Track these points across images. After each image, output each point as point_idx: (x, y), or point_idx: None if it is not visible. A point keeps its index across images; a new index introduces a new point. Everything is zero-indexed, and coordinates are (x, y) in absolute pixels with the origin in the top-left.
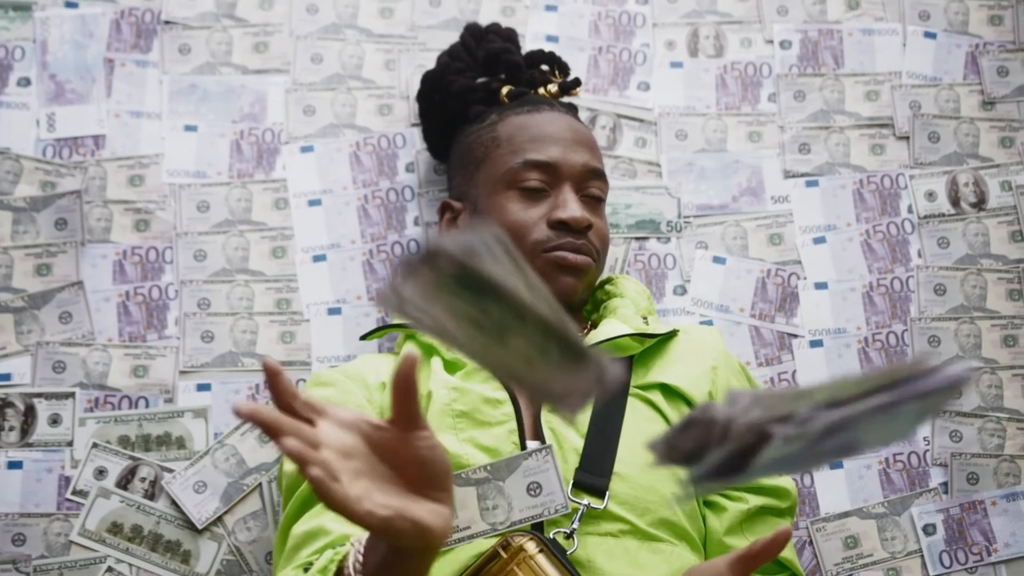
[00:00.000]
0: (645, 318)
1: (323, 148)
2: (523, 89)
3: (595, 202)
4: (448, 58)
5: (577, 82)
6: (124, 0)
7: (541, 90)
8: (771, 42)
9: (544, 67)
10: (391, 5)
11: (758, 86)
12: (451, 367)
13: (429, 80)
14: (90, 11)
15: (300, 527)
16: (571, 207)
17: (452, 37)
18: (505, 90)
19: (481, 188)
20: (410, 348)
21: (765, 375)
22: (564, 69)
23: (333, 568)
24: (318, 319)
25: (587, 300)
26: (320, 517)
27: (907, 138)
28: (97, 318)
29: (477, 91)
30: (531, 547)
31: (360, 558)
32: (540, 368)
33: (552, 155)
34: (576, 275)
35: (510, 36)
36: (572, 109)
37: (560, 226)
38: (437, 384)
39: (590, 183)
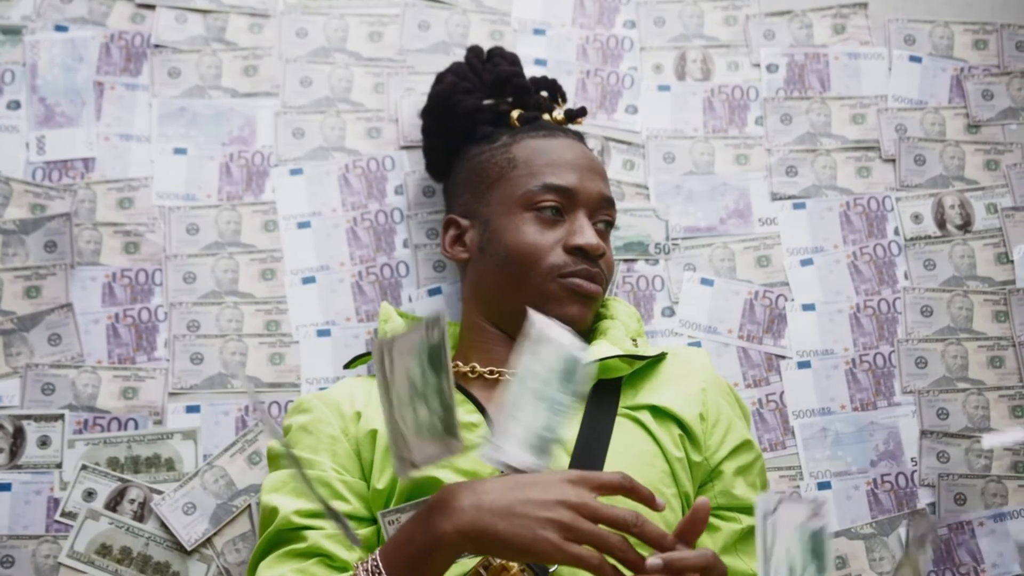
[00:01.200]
0: (635, 340)
1: (312, 171)
2: (535, 114)
3: (605, 230)
4: (455, 78)
5: (583, 111)
6: (114, 24)
7: (547, 116)
8: (758, 66)
9: (544, 93)
10: (380, 29)
11: (745, 109)
12: None
13: (437, 98)
14: (80, 35)
15: (266, 572)
16: (588, 233)
17: (441, 61)
18: (516, 113)
19: (495, 207)
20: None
21: (753, 396)
22: (563, 96)
23: None
24: (307, 341)
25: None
26: (284, 566)
27: (893, 161)
28: (86, 340)
29: (484, 112)
30: (513, 567)
31: (380, 568)
32: (419, 434)
33: (570, 181)
34: (586, 304)
35: (515, 60)
36: (580, 137)
37: (577, 252)
38: None
39: (603, 212)
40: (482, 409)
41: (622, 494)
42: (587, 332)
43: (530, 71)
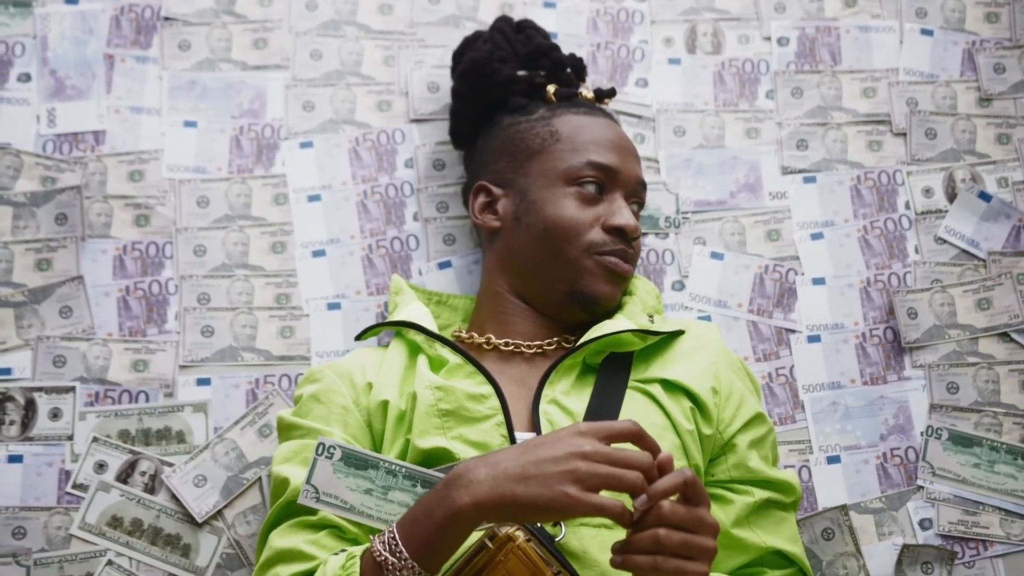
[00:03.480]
0: (651, 316)
1: (322, 144)
2: (572, 91)
3: (637, 212)
4: (491, 46)
5: (613, 92)
6: None
7: (580, 94)
8: (769, 39)
9: (569, 70)
10: (390, 2)
11: (756, 83)
12: (436, 364)
13: (472, 64)
14: (90, 7)
15: (278, 540)
16: (626, 214)
17: (451, 33)
18: (552, 88)
19: (534, 179)
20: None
21: (763, 370)
22: (584, 75)
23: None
24: (317, 314)
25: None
26: (297, 536)
27: (904, 135)
28: (97, 313)
29: (520, 83)
30: (519, 536)
31: (397, 540)
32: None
33: (613, 161)
34: (618, 283)
35: (546, 34)
36: (614, 118)
37: (615, 232)
38: (422, 384)
39: (637, 195)
40: (492, 381)
41: (631, 441)
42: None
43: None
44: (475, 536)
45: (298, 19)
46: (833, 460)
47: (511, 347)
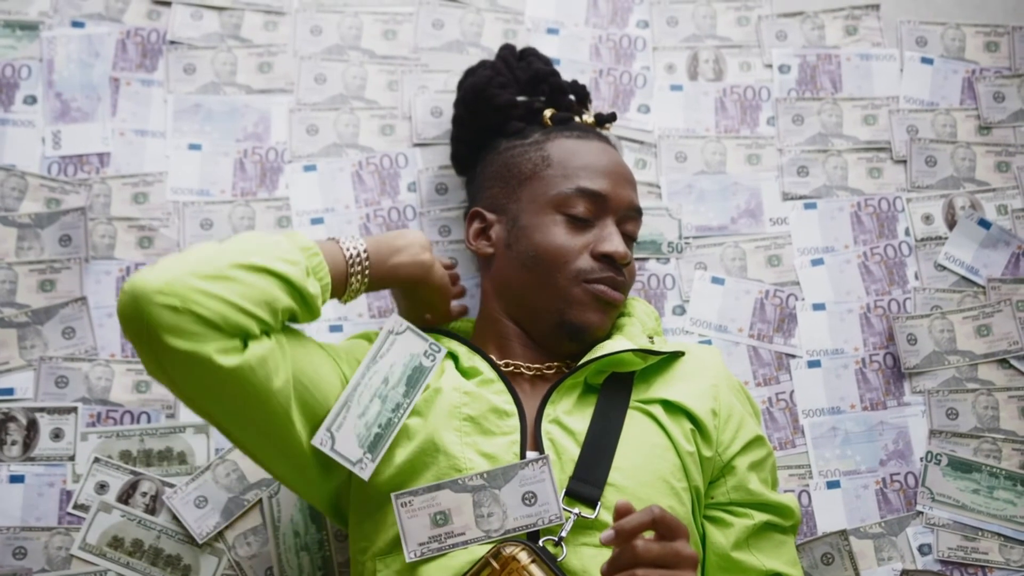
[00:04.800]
0: (651, 338)
1: (326, 167)
2: (568, 115)
3: (629, 239)
4: (491, 71)
5: (613, 116)
6: (130, 20)
7: (577, 118)
8: (770, 66)
9: (572, 97)
10: (394, 27)
11: (757, 109)
12: (467, 374)
13: (472, 90)
14: (96, 31)
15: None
16: (616, 241)
17: (454, 59)
18: (549, 112)
19: (525, 204)
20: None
21: (763, 395)
22: (588, 101)
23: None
24: (320, 337)
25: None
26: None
27: (904, 162)
28: (100, 334)
29: (519, 107)
30: (523, 557)
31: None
32: (355, 425)
33: (603, 187)
34: (607, 311)
35: (547, 60)
36: (611, 143)
37: (604, 259)
38: (449, 383)
39: (630, 221)
40: (519, 402)
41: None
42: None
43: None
44: (479, 552)
45: (303, 44)
46: (833, 485)
47: (511, 368)
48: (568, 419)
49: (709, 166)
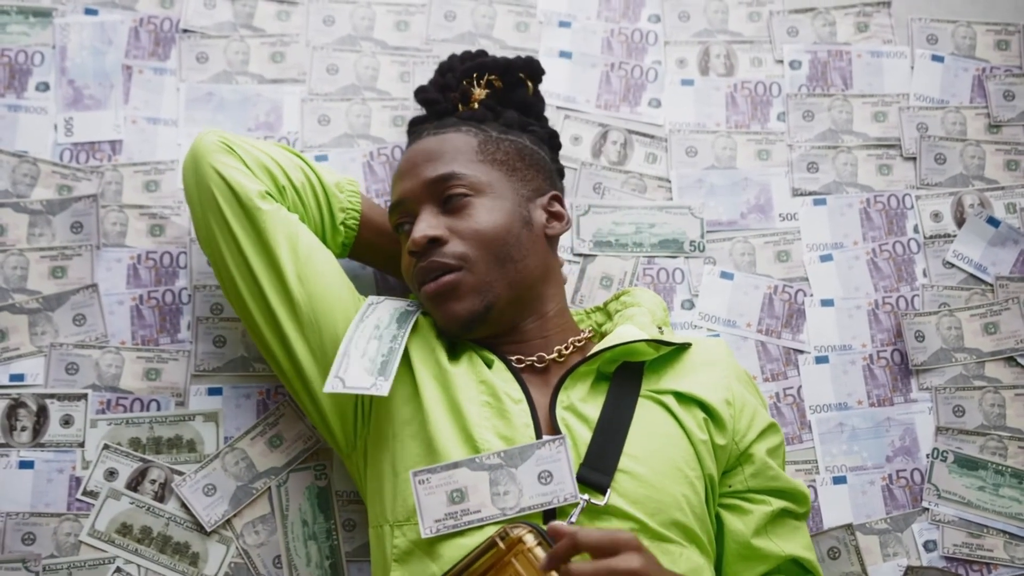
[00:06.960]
0: (660, 328)
1: (337, 157)
2: (416, 119)
3: (461, 203)
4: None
5: (492, 85)
6: (143, 8)
7: (463, 107)
8: (781, 62)
9: (493, 77)
10: (407, 18)
11: (767, 105)
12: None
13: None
14: (109, 18)
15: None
16: (414, 231)
17: (466, 50)
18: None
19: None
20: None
21: (771, 390)
22: (532, 79)
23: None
24: None
25: (525, 315)
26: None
27: (914, 159)
28: (111, 321)
29: (429, 105)
30: (530, 539)
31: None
32: (360, 360)
33: (401, 191)
34: (449, 299)
35: (451, 66)
36: (454, 125)
37: (414, 255)
38: (462, 369)
39: (444, 190)
40: (527, 391)
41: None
42: (609, 319)
43: (554, 63)
44: (486, 532)
45: (315, 34)
46: (839, 480)
47: (514, 359)
48: (582, 406)
49: (719, 161)
